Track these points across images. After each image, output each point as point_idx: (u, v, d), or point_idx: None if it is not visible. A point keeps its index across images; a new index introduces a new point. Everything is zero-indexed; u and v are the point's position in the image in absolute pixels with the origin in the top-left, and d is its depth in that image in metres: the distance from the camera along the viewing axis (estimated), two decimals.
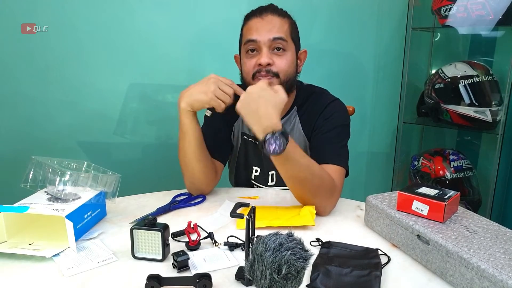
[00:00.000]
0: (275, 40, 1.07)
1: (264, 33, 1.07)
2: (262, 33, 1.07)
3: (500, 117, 1.66)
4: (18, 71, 1.69)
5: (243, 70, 1.13)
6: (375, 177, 2.11)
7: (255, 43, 1.08)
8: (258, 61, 1.08)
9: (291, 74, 1.12)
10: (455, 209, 0.86)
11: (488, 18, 1.58)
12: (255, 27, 1.09)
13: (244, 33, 1.13)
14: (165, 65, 1.76)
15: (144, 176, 1.80)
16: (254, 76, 1.09)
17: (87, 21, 1.67)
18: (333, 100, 1.18)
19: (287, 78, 1.11)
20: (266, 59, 1.07)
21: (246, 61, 1.11)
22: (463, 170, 1.76)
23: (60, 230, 0.84)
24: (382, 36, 1.92)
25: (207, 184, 1.14)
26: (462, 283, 0.69)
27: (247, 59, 1.11)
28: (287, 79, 1.11)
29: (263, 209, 1.01)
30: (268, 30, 1.08)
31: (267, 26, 1.08)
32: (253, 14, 1.12)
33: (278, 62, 1.08)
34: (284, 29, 1.10)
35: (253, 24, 1.10)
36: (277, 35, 1.07)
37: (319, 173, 0.99)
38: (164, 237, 0.78)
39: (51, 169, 0.92)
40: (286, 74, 1.10)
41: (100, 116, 1.77)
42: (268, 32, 1.07)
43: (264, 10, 1.11)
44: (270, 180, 1.23)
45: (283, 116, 1.19)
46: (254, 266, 0.58)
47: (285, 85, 1.10)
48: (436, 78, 1.76)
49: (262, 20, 1.09)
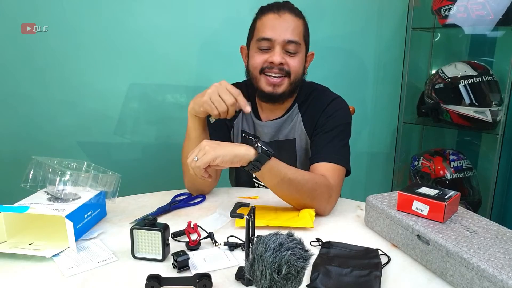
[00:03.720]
0: (289, 42, 1.07)
1: (280, 32, 1.06)
2: (278, 32, 1.06)
3: (500, 117, 1.66)
4: (18, 71, 1.69)
5: (251, 63, 1.12)
6: (375, 177, 2.11)
7: (270, 41, 1.07)
8: (270, 59, 1.08)
9: (300, 75, 1.13)
10: (455, 209, 0.86)
11: (488, 18, 1.58)
12: (271, 24, 1.07)
13: (258, 28, 1.10)
14: (165, 65, 1.76)
15: (144, 176, 1.80)
16: (262, 71, 1.10)
17: (87, 21, 1.67)
18: (335, 98, 1.17)
19: (296, 78, 1.12)
20: (279, 58, 1.07)
21: (256, 56, 1.10)
22: (463, 170, 1.76)
23: (60, 230, 0.84)
24: (382, 36, 1.92)
25: (207, 185, 1.14)
26: (462, 283, 0.69)
27: (257, 54, 1.10)
28: (296, 80, 1.12)
29: (262, 209, 1.01)
30: (285, 29, 1.06)
31: (283, 25, 1.07)
32: (270, 9, 1.10)
33: (290, 62, 1.09)
34: (299, 30, 1.09)
35: (269, 21, 1.08)
36: (292, 38, 1.07)
37: (310, 177, 1.00)
38: (164, 237, 0.78)
39: (51, 169, 0.92)
40: (296, 75, 1.11)
41: (100, 116, 1.77)
42: (284, 31, 1.06)
43: (282, 7, 1.09)
44: None
45: (284, 113, 1.19)
46: (254, 266, 0.58)
47: (293, 85, 1.11)
48: (436, 78, 1.76)
49: (279, 18, 1.08)
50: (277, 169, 0.95)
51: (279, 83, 1.09)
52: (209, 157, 0.89)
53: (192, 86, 1.79)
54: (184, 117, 1.14)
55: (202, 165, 0.89)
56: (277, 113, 1.19)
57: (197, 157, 0.90)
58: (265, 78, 1.10)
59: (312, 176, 1.01)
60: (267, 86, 1.10)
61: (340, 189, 1.08)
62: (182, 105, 1.80)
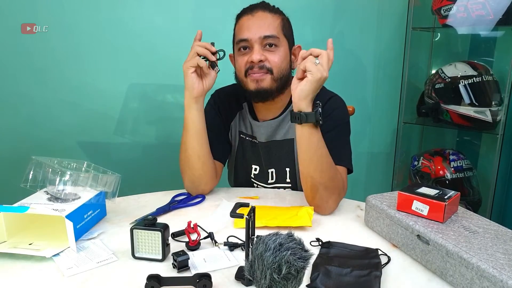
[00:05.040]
0: (266, 38, 1.08)
1: (255, 30, 1.08)
2: (252, 31, 1.08)
3: (500, 117, 1.66)
4: (18, 71, 1.68)
5: (236, 68, 1.15)
6: (375, 177, 2.11)
7: (247, 41, 1.09)
8: (250, 59, 1.09)
9: (284, 69, 1.12)
10: (455, 209, 0.86)
11: (488, 18, 1.58)
12: (246, 25, 1.10)
13: (236, 32, 1.14)
14: (165, 65, 1.76)
15: (144, 176, 1.80)
16: (246, 73, 1.11)
17: (87, 21, 1.67)
18: (332, 96, 1.17)
19: (281, 74, 1.11)
20: (258, 56, 1.08)
21: (238, 59, 1.13)
22: (463, 170, 1.76)
23: (60, 230, 0.84)
24: (382, 36, 1.92)
25: (206, 183, 1.14)
26: (462, 283, 0.69)
27: (239, 57, 1.12)
28: (281, 75, 1.11)
29: (262, 209, 1.01)
30: (259, 27, 1.08)
31: (257, 23, 1.09)
32: (244, 12, 1.13)
33: (271, 58, 1.09)
34: (275, 25, 1.10)
35: (244, 22, 1.11)
36: (268, 33, 1.08)
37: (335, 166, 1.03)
38: (164, 237, 0.78)
39: (51, 169, 0.92)
40: (279, 70, 1.10)
41: (100, 116, 1.77)
42: (258, 29, 1.08)
43: (255, 8, 1.12)
44: (270, 178, 1.23)
45: (279, 114, 1.19)
46: (254, 266, 0.58)
47: (279, 81, 1.11)
48: (436, 78, 1.76)
49: (252, 17, 1.10)
50: (316, 137, 0.97)
51: (260, 77, 1.09)
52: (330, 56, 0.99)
53: None
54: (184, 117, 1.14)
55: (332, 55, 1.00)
56: (274, 112, 1.20)
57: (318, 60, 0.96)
58: (249, 77, 1.11)
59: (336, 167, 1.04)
60: (252, 83, 1.11)
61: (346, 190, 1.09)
62: (182, 105, 1.79)
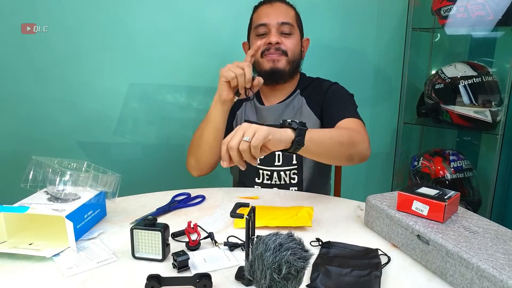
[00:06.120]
0: (283, 24, 1.20)
1: (273, 17, 1.20)
2: (271, 17, 1.20)
3: (500, 117, 1.66)
4: (18, 71, 1.68)
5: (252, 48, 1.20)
6: (375, 177, 2.10)
7: (265, 26, 1.21)
8: (267, 40, 1.19)
9: (297, 55, 1.25)
10: (455, 209, 0.86)
11: (488, 19, 1.58)
12: (265, 13, 1.22)
13: (254, 19, 1.26)
14: (165, 65, 1.76)
15: (144, 176, 1.80)
16: (262, 53, 1.21)
17: (87, 21, 1.66)
18: (334, 83, 1.29)
19: (294, 57, 1.23)
20: (276, 38, 1.19)
21: (255, 42, 1.21)
22: (463, 170, 1.76)
23: (60, 230, 0.84)
24: (382, 36, 1.92)
25: (209, 166, 1.23)
26: (462, 283, 0.69)
27: (257, 40, 1.19)
28: (294, 59, 1.23)
29: (262, 209, 1.01)
30: (277, 14, 1.21)
31: (275, 11, 1.22)
32: (263, 2, 1.27)
33: (286, 42, 1.21)
34: (290, 15, 1.24)
35: (263, 11, 1.23)
36: (285, 20, 1.21)
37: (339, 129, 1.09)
38: (164, 237, 0.78)
39: (51, 169, 0.92)
40: (293, 54, 1.22)
41: (100, 116, 1.77)
42: (277, 16, 1.20)
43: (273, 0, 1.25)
44: (276, 161, 1.25)
45: (285, 98, 1.27)
46: (254, 266, 0.58)
47: (292, 64, 1.23)
48: (436, 78, 1.76)
49: (271, 7, 1.23)
50: (317, 136, 0.95)
51: (277, 58, 1.20)
52: (264, 133, 0.80)
53: (192, 86, 1.79)
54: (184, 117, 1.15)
55: (260, 142, 0.80)
56: (279, 97, 1.28)
57: (248, 137, 0.80)
58: (266, 57, 1.21)
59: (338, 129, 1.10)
60: (268, 63, 1.21)
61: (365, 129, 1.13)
62: (182, 105, 1.80)
